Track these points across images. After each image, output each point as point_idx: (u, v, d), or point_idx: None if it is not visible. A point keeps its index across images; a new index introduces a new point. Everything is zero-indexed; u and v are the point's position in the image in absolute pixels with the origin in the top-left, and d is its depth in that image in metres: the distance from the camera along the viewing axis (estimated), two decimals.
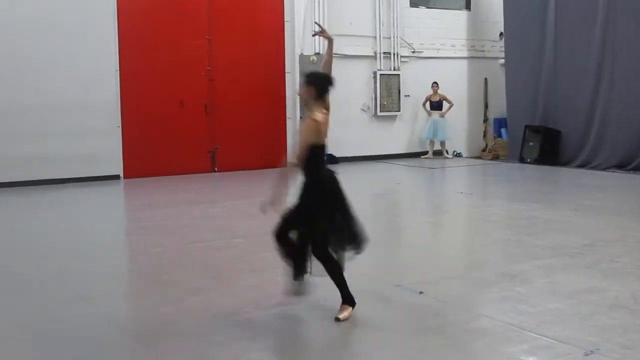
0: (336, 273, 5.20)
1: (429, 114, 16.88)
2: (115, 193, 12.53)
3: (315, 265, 5.25)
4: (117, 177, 13.53)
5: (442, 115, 16.84)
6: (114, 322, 5.34)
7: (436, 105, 16.86)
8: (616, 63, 14.53)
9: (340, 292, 5.22)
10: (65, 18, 12.88)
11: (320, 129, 5.40)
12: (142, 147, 13.79)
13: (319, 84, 5.50)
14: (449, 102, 16.89)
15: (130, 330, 5.18)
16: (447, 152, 17.13)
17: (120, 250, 8.14)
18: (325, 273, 5.19)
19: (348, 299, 5.21)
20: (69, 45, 12.97)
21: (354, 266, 6.77)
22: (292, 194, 5.16)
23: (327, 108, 5.57)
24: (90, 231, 8.91)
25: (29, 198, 11.53)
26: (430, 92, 16.86)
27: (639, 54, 14.14)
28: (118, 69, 13.51)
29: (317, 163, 5.38)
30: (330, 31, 6.21)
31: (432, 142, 17.02)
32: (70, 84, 12.97)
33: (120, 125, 13.58)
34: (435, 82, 16.81)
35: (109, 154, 13.43)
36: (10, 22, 12.49)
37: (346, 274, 5.24)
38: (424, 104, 16.92)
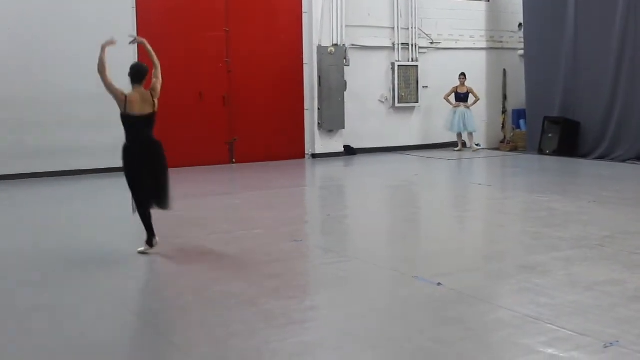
0: (144, 219, 7.05)
1: (454, 106, 16.55)
2: None
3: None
4: None
5: (467, 107, 16.53)
6: (134, 313, 5.39)
7: (463, 97, 16.58)
8: (637, 53, 14.39)
9: (147, 232, 7.05)
10: (85, 11, 12.95)
11: (126, 102, 7.15)
12: (161, 139, 13.72)
13: (130, 74, 7.34)
14: (475, 96, 16.62)
15: (150, 321, 5.23)
16: (472, 144, 16.92)
17: (140, 241, 8.19)
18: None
19: (149, 240, 7.04)
20: (88, 38, 12.92)
21: (371, 257, 6.82)
22: None
23: (153, 90, 7.65)
24: (110, 222, 8.97)
25: (51, 189, 11.63)
26: (456, 83, 16.55)
27: None
28: (137, 60, 13.55)
29: (126, 131, 7.22)
30: (347, 22, 6.40)
31: (460, 135, 16.78)
32: (90, 76, 12.82)
33: None
34: (462, 73, 16.58)
35: None
36: (31, 16, 12.57)
37: (367, 261, 5.25)
38: (447, 95, 16.58)
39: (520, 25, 17.73)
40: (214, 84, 14.46)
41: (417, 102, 16.88)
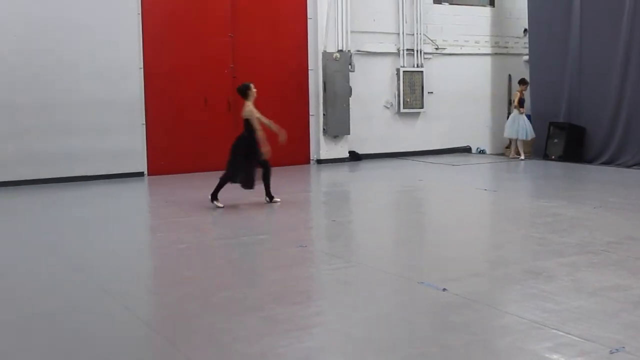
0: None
1: (520, 112, 16.26)
2: (140, 190, 12.62)
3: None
4: (141, 174, 13.64)
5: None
6: (139, 318, 5.39)
7: (523, 103, 16.45)
8: None
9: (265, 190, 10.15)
10: (90, 17, 13.02)
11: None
12: (166, 144, 13.91)
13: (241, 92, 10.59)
14: None
15: (155, 327, 5.23)
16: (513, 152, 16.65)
17: (144, 247, 8.20)
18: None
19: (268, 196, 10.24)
20: (93, 43, 13.10)
21: (376, 262, 6.82)
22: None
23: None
24: (114, 228, 8.99)
25: (55, 195, 11.65)
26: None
27: None
28: (142, 66, 13.62)
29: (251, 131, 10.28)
30: (352, 28, 6.42)
31: (514, 141, 16.53)
32: (95, 82, 13.10)
33: (144, 122, 13.69)
34: (524, 79, 16.53)
35: (134, 152, 13.55)
36: (37, 23, 12.63)
37: (372, 266, 5.23)
38: (517, 102, 16.27)
39: (525, 30, 17.74)
40: (218, 90, 14.49)
41: (422, 107, 16.89)
